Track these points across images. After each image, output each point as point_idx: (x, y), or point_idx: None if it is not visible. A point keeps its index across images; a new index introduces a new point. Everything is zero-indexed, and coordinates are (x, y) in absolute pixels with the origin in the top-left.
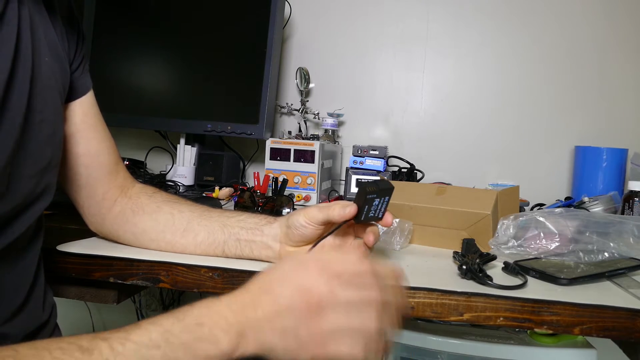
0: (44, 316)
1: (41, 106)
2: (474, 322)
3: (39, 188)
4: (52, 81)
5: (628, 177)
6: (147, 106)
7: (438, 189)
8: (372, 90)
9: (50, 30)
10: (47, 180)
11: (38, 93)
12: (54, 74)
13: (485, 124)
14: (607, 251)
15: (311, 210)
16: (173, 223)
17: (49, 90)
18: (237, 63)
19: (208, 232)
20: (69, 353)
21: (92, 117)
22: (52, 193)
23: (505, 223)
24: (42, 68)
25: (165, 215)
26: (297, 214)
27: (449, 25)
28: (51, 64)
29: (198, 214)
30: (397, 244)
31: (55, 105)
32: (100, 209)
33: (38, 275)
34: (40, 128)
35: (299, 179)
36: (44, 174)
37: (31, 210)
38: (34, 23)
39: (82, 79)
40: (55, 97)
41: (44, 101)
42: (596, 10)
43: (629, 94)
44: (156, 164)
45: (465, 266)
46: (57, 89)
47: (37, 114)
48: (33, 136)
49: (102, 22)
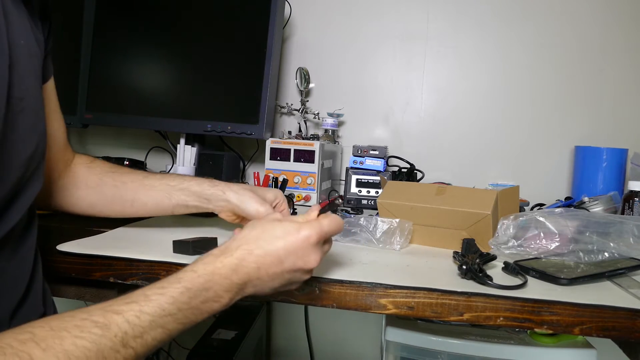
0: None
1: (22, 93)
2: (474, 322)
3: (27, 175)
4: (30, 66)
5: (628, 177)
6: (147, 106)
7: (438, 189)
8: (372, 90)
9: (24, 14)
10: (34, 165)
11: (17, 79)
12: (30, 58)
13: (485, 124)
14: (607, 251)
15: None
16: (120, 195)
17: (28, 76)
18: (237, 63)
19: (156, 201)
20: (87, 329)
21: (53, 100)
22: (41, 179)
23: (505, 223)
24: (19, 53)
25: (109, 188)
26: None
27: (449, 25)
28: (28, 48)
29: (140, 184)
30: (397, 243)
31: (36, 90)
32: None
33: (36, 269)
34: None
35: (299, 179)
36: (32, 161)
37: (23, 198)
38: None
39: (48, 61)
40: (35, 82)
41: (24, 87)
42: (596, 10)
43: (629, 94)
44: (156, 164)
45: (465, 266)
46: (35, 74)
47: (18, 101)
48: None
49: (102, 22)
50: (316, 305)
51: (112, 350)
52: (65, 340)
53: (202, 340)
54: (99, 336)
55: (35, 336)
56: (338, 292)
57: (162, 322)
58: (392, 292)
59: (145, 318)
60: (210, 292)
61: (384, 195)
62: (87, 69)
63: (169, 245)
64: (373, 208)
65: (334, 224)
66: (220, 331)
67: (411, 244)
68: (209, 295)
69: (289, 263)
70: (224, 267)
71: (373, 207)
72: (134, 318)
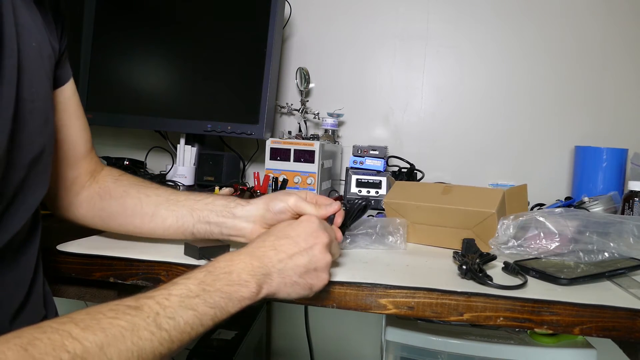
0: (45, 312)
1: (32, 95)
2: (474, 322)
3: (32, 177)
4: (41, 67)
5: (628, 177)
6: (147, 106)
7: (444, 188)
8: (372, 90)
9: (36, 14)
10: (40, 168)
11: (27, 80)
12: (42, 60)
13: (485, 124)
14: (607, 251)
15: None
16: (141, 208)
17: (38, 77)
18: (237, 63)
19: (176, 216)
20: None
21: (72, 105)
22: (46, 183)
23: (506, 223)
24: (30, 54)
25: (132, 200)
26: (278, 199)
27: (449, 25)
28: (39, 49)
29: (165, 198)
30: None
31: (46, 92)
32: (68, 193)
33: (37, 272)
34: (32, 117)
35: (299, 179)
36: (38, 162)
37: (27, 202)
38: (18, 7)
39: (64, 66)
40: (45, 84)
41: (34, 89)
42: (597, 10)
43: (629, 94)
44: (156, 164)
45: (465, 266)
46: (46, 75)
47: (28, 103)
48: (25, 125)
49: (102, 22)
50: (316, 305)
51: (146, 331)
52: (102, 320)
53: (202, 340)
54: (133, 316)
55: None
56: (338, 292)
57: (191, 303)
58: (392, 292)
59: (174, 299)
60: (234, 275)
61: (391, 195)
62: (87, 69)
63: (169, 246)
64: (373, 208)
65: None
66: (221, 331)
67: (415, 244)
68: (233, 278)
69: (302, 241)
70: (242, 254)
71: (373, 207)
72: (163, 300)
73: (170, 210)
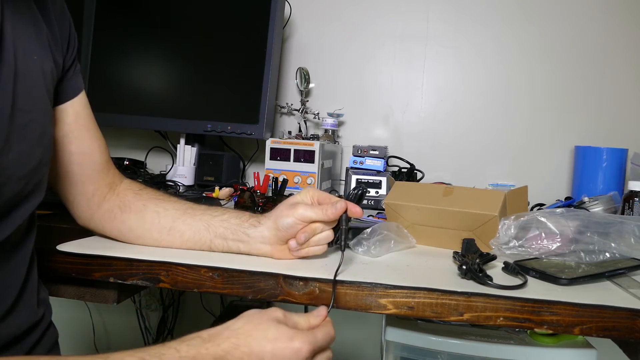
0: (37, 315)
1: (29, 106)
2: (474, 322)
3: (28, 188)
4: (40, 80)
5: (628, 177)
6: (147, 106)
7: (445, 189)
8: (372, 90)
9: (41, 27)
10: (36, 179)
11: (24, 92)
12: (43, 73)
13: (485, 124)
14: (608, 251)
15: (299, 210)
16: (159, 222)
17: (36, 90)
18: (237, 63)
19: (194, 231)
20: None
21: (84, 118)
22: (42, 192)
23: (507, 223)
24: (30, 66)
25: (151, 214)
26: (284, 215)
27: (449, 25)
28: (41, 63)
29: (182, 212)
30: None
31: (45, 105)
32: (90, 205)
33: (30, 275)
34: (30, 129)
35: (299, 179)
36: (34, 174)
37: (21, 210)
38: (19, 21)
39: (73, 79)
40: (44, 97)
41: (32, 101)
42: (597, 11)
43: (629, 94)
44: (156, 164)
45: (465, 266)
46: (46, 88)
47: (25, 114)
48: (22, 137)
49: (102, 22)
50: (316, 305)
51: None
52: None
53: None
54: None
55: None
56: (338, 292)
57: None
58: (392, 292)
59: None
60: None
61: (391, 196)
62: (87, 69)
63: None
64: (373, 208)
65: (328, 338)
66: None
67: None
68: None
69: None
70: (208, 355)
71: (373, 207)
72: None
73: (187, 224)
